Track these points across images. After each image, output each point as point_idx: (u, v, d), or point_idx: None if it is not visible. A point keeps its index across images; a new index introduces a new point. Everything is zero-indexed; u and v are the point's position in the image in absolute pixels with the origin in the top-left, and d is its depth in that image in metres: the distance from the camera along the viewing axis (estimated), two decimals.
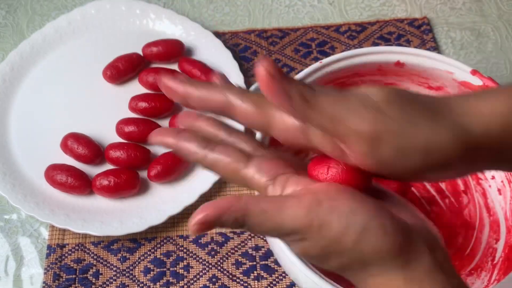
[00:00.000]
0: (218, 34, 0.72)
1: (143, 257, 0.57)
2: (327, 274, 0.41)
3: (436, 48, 0.70)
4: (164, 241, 0.58)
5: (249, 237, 0.58)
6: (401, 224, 0.28)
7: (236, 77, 0.66)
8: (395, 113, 0.27)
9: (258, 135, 0.44)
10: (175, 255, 0.57)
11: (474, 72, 0.50)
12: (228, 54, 0.67)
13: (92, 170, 0.60)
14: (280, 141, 0.30)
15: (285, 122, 0.28)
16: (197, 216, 0.26)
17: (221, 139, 0.31)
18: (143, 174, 0.60)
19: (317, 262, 0.29)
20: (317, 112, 0.27)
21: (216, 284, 0.55)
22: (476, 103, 0.29)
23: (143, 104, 0.63)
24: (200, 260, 0.57)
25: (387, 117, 0.27)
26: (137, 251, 0.57)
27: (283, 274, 0.56)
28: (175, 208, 0.58)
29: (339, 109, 0.27)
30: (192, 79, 0.33)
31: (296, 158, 0.32)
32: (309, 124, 0.28)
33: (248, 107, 0.29)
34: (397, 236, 0.27)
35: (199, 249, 0.57)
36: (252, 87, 0.55)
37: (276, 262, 0.56)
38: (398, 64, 0.52)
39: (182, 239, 0.58)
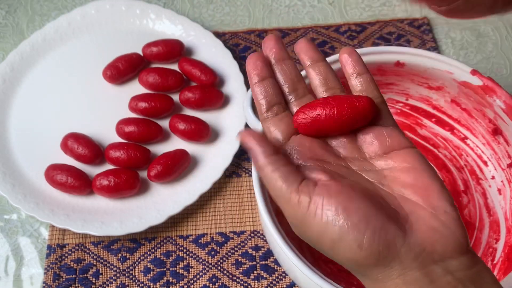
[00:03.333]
0: (218, 34, 0.72)
1: (143, 257, 0.57)
2: (327, 274, 0.42)
3: (436, 48, 0.70)
4: (164, 241, 0.58)
5: (249, 237, 0.58)
6: (389, 237, 0.27)
7: (236, 77, 0.66)
8: None
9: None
10: (175, 255, 0.57)
11: (474, 72, 0.50)
12: (228, 54, 0.67)
13: (92, 170, 0.60)
14: None
15: None
16: (240, 134, 0.31)
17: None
18: (143, 174, 0.60)
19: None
20: None
21: (216, 284, 0.55)
22: None
23: (143, 104, 0.63)
24: (200, 260, 0.57)
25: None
26: (137, 251, 0.57)
27: (283, 274, 0.56)
28: (175, 208, 0.58)
29: None
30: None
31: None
32: None
33: None
34: (374, 250, 0.27)
35: (199, 249, 0.57)
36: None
37: (276, 262, 0.56)
38: (398, 64, 0.52)
39: (182, 239, 0.58)
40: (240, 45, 0.71)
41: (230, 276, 0.56)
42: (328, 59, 0.50)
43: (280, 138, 0.33)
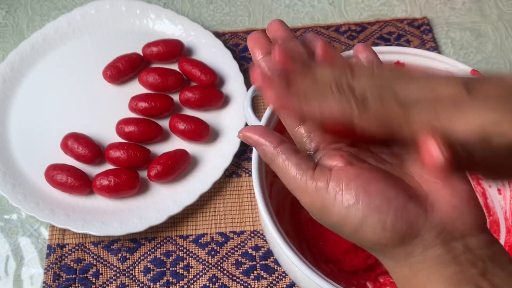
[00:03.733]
0: (218, 34, 0.72)
1: (143, 257, 0.57)
2: (327, 274, 0.42)
3: (436, 48, 0.70)
4: (164, 241, 0.58)
5: (249, 237, 0.58)
6: (410, 216, 0.27)
7: (236, 77, 0.66)
8: None
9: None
10: (175, 255, 0.57)
11: (474, 72, 0.50)
12: (228, 54, 0.67)
13: (92, 170, 0.60)
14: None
15: None
16: (241, 133, 0.31)
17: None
18: (143, 174, 0.60)
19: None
20: None
21: (216, 284, 0.55)
22: None
23: (143, 104, 0.63)
24: (200, 260, 0.57)
25: None
26: (137, 251, 0.57)
27: (283, 274, 0.56)
28: (175, 208, 0.58)
29: None
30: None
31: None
32: None
33: None
34: (398, 231, 0.27)
35: (199, 249, 0.57)
36: (252, 87, 0.55)
37: (276, 262, 0.56)
38: (398, 64, 0.52)
39: (182, 239, 0.58)
40: (240, 45, 0.71)
41: (230, 276, 0.56)
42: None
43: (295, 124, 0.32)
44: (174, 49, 0.67)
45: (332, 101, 0.28)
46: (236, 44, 0.71)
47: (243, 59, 0.70)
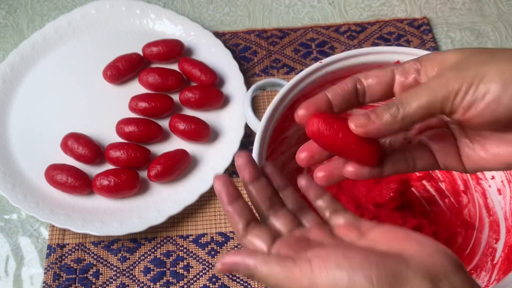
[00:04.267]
0: (218, 34, 0.72)
1: (143, 257, 0.57)
2: None
3: (436, 48, 0.70)
4: (164, 241, 0.58)
5: None
6: (392, 266, 0.28)
7: (236, 77, 0.66)
8: None
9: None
10: (175, 255, 0.57)
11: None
12: (228, 54, 0.67)
13: (92, 170, 0.60)
14: None
15: None
16: (219, 263, 0.31)
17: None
18: (143, 174, 0.60)
19: None
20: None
21: (216, 284, 0.55)
22: None
23: (143, 104, 0.63)
24: (200, 260, 0.57)
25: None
26: (137, 251, 0.57)
27: None
28: (175, 208, 0.58)
29: None
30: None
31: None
32: None
33: None
34: (384, 281, 0.28)
35: (199, 249, 0.57)
36: (253, 87, 0.55)
37: None
38: (398, 63, 0.52)
39: (182, 239, 0.58)
40: (240, 45, 0.71)
41: (230, 276, 0.56)
42: (329, 59, 0.50)
43: (265, 248, 0.33)
44: (174, 49, 0.67)
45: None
46: (236, 44, 0.71)
47: (243, 59, 0.70)
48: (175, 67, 0.67)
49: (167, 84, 0.65)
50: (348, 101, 0.34)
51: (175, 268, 0.56)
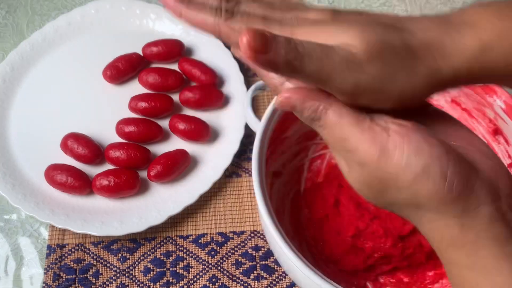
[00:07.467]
0: None
1: (143, 257, 0.57)
2: (327, 274, 0.42)
3: None
4: (164, 241, 0.58)
5: (249, 237, 0.58)
6: (466, 171, 0.27)
7: (236, 77, 0.66)
8: (376, 70, 0.27)
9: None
10: (175, 255, 0.57)
11: None
12: (228, 54, 0.67)
13: (92, 170, 0.60)
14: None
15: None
16: (283, 95, 0.29)
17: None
18: (143, 174, 0.60)
19: (371, 196, 0.29)
20: (303, 76, 0.27)
21: (216, 284, 0.55)
22: (451, 43, 0.29)
23: (143, 104, 0.63)
24: (200, 260, 0.57)
25: (368, 76, 0.27)
26: (137, 251, 0.57)
27: (283, 274, 0.56)
28: (175, 208, 0.58)
29: (324, 72, 0.27)
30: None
31: None
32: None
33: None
34: (457, 184, 0.27)
35: (199, 249, 0.57)
36: (253, 87, 0.55)
37: (276, 262, 0.56)
38: None
39: (182, 239, 0.58)
40: None
41: (230, 276, 0.56)
42: None
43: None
44: (174, 49, 0.67)
45: (208, 12, 0.30)
46: None
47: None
48: (175, 67, 0.67)
49: (167, 84, 0.65)
50: None
51: (175, 268, 0.56)
